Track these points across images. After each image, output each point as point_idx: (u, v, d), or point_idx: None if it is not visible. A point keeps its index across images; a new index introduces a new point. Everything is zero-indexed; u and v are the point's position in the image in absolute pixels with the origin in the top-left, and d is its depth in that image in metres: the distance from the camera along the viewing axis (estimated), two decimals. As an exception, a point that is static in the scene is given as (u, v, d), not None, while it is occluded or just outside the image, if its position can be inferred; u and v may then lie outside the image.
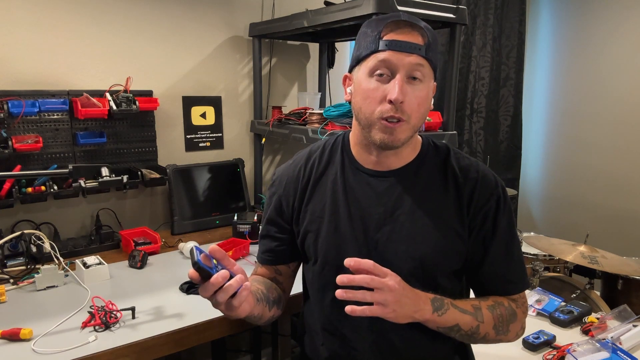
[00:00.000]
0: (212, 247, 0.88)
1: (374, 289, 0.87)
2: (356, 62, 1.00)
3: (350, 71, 1.04)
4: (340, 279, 0.87)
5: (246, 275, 0.93)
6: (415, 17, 0.97)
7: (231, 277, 0.86)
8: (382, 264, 1.01)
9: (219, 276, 0.83)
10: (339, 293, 0.87)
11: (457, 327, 0.98)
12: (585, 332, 1.42)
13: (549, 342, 1.36)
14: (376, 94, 0.94)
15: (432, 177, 1.04)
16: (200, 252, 0.85)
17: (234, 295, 0.87)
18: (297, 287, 1.24)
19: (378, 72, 0.94)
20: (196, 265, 0.82)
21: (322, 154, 1.12)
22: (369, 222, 1.02)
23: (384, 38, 0.93)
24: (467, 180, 1.03)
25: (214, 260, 0.87)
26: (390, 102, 0.92)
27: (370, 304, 0.88)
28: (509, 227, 1.04)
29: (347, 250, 1.03)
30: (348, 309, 0.87)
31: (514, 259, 1.06)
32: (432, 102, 1.03)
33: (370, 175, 1.05)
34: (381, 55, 0.93)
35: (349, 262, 0.88)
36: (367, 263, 0.88)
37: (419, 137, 1.09)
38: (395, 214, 1.02)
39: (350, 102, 1.04)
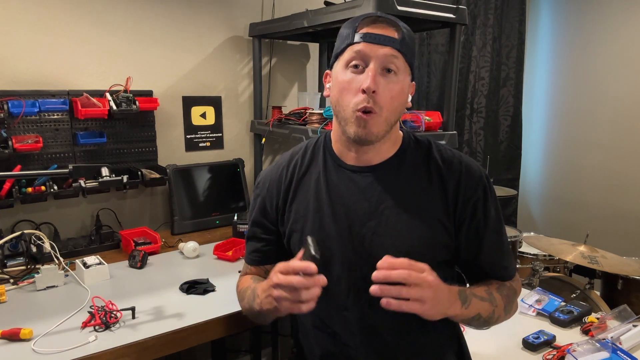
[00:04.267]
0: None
1: (411, 284, 0.86)
2: (335, 58, 1.02)
3: (330, 68, 1.06)
4: (376, 275, 0.86)
5: None
6: (392, 16, 1.00)
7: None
8: (370, 258, 1.02)
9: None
10: (373, 289, 0.86)
11: (478, 315, 0.99)
12: (585, 332, 1.42)
13: (549, 342, 1.36)
14: (351, 86, 0.97)
15: (415, 170, 1.05)
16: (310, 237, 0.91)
17: None
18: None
19: (353, 63, 0.96)
20: (316, 259, 0.87)
21: (305, 154, 1.13)
22: (354, 218, 1.03)
23: (359, 31, 0.96)
24: (451, 172, 1.04)
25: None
26: (364, 91, 0.94)
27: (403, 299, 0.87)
28: (497, 214, 1.06)
29: (333, 247, 1.04)
30: (383, 302, 0.86)
31: (505, 245, 1.09)
32: (410, 100, 1.05)
33: (353, 171, 1.06)
34: (356, 47, 0.96)
35: (382, 264, 0.87)
36: (403, 262, 0.87)
37: (399, 132, 1.10)
38: (379, 208, 1.02)
39: (329, 98, 1.06)
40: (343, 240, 1.03)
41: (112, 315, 1.31)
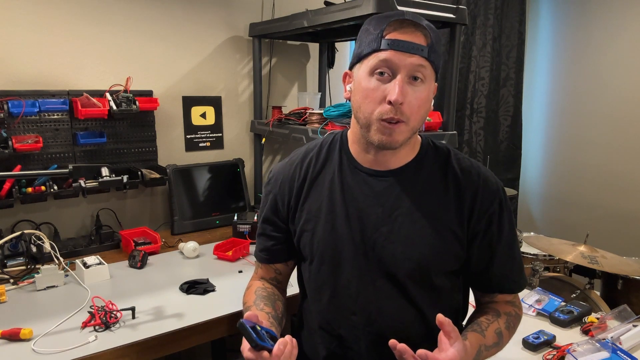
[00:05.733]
0: (248, 314, 0.88)
1: None
2: (357, 59, 0.98)
3: (350, 68, 1.02)
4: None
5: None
6: (419, 17, 0.96)
7: (273, 337, 0.88)
8: (380, 264, 1.01)
9: (281, 346, 0.85)
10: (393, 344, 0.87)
11: None
12: (585, 332, 1.42)
13: (549, 342, 1.35)
14: (376, 94, 0.93)
15: (431, 177, 1.04)
16: (251, 326, 0.85)
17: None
18: (296, 288, 1.24)
19: (379, 71, 0.93)
20: (258, 346, 0.83)
21: (320, 152, 1.11)
22: (367, 222, 1.02)
23: (387, 37, 0.92)
24: (468, 183, 1.02)
25: (258, 327, 0.87)
26: (390, 103, 0.91)
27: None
28: (511, 228, 1.05)
29: (344, 250, 1.03)
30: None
31: (516, 259, 1.08)
32: (433, 103, 1.03)
33: (369, 174, 1.04)
34: (383, 55, 0.92)
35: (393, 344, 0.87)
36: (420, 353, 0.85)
37: (418, 136, 1.08)
38: (393, 214, 1.01)
39: (349, 100, 1.03)
40: (355, 244, 1.02)
41: (112, 315, 1.31)
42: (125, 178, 1.88)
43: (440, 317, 0.87)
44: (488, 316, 1.05)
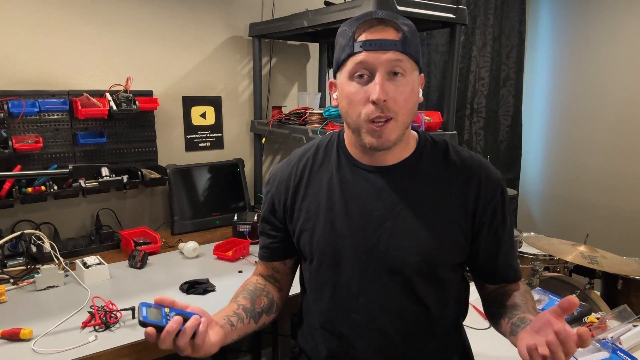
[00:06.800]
0: (156, 297, 0.89)
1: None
2: (337, 67, 1.00)
3: (334, 77, 1.03)
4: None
5: (205, 313, 0.94)
6: (388, 13, 0.96)
7: (187, 319, 0.88)
8: (384, 260, 1.01)
9: (173, 323, 0.85)
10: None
11: None
12: (585, 332, 1.42)
13: (549, 342, 1.35)
14: (358, 97, 0.94)
15: (432, 171, 1.04)
16: (148, 306, 0.86)
17: (194, 336, 0.88)
18: (296, 288, 1.23)
19: (357, 74, 0.94)
20: (143, 324, 0.83)
21: (317, 152, 1.12)
22: (369, 219, 1.02)
23: (358, 39, 0.93)
24: (471, 174, 1.03)
25: (166, 309, 0.88)
26: (374, 102, 0.92)
27: None
28: (510, 217, 1.07)
29: (344, 248, 1.03)
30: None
31: (514, 247, 1.10)
32: (422, 94, 1.02)
33: (369, 171, 1.04)
34: (358, 58, 0.93)
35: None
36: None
37: (414, 132, 1.08)
38: (396, 209, 1.01)
39: (338, 107, 1.04)
40: (356, 241, 1.02)
41: (112, 315, 1.31)
42: (125, 178, 1.88)
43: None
44: (514, 299, 1.05)
